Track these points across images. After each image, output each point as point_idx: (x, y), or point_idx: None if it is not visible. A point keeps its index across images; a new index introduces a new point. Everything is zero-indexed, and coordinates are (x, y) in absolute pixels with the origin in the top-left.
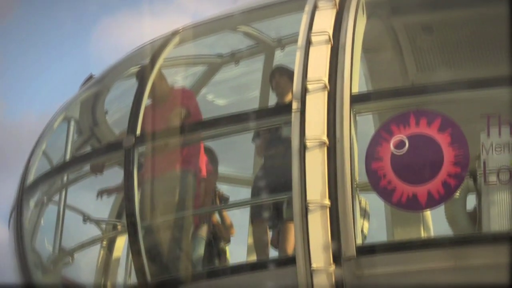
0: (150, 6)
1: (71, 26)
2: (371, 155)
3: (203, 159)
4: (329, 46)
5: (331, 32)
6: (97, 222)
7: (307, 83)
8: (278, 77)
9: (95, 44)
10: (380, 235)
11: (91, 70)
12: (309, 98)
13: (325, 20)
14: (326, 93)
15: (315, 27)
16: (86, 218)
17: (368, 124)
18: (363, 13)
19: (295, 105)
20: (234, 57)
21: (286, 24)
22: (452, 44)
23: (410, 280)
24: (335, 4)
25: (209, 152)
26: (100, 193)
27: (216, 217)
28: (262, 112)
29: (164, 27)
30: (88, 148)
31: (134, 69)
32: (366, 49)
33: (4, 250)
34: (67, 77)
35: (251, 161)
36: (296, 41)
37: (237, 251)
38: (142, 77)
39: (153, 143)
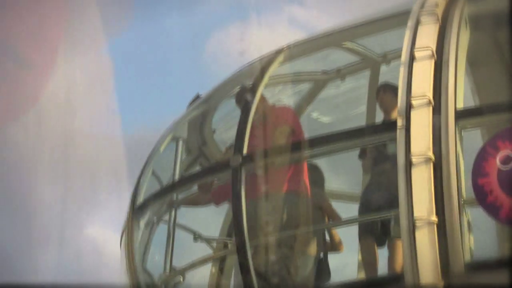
0: (263, 17)
1: (184, 38)
2: (477, 171)
3: (307, 177)
4: (433, 61)
5: (434, 47)
6: (208, 241)
7: (412, 99)
8: (383, 94)
9: (207, 56)
10: (490, 251)
11: (205, 82)
12: (414, 114)
13: (428, 35)
14: (430, 108)
15: (418, 42)
16: (197, 237)
17: (474, 139)
18: (466, 27)
19: (400, 122)
20: (340, 74)
21: (391, 39)
22: None
23: None
24: (438, 19)
25: (315, 169)
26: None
27: (325, 234)
28: (367, 130)
29: (276, 39)
30: (196, 168)
31: (241, 87)
32: (471, 63)
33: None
34: (180, 89)
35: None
36: (400, 56)
37: (346, 268)
38: (247, 96)
39: (259, 162)
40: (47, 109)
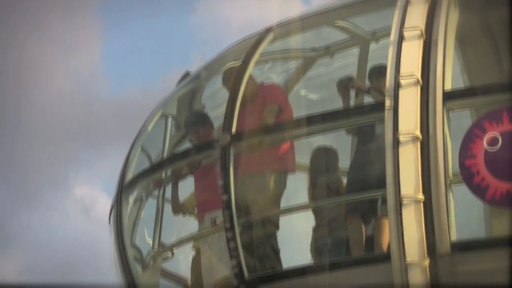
0: None
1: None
2: (464, 152)
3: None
4: (422, 41)
5: (423, 26)
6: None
7: (400, 78)
8: (375, 79)
9: (198, 18)
10: (477, 231)
11: (194, 45)
12: (402, 93)
13: (417, 15)
14: (419, 88)
15: (407, 22)
16: (186, 213)
17: (462, 118)
18: (456, 7)
19: (388, 101)
20: (329, 51)
21: (381, 18)
22: None
23: (506, 277)
24: None
25: (329, 150)
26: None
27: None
28: (356, 109)
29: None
30: (186, 145)
31: (230, 66)
32: (460, 43)
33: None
34: (169, 51)
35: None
36: (389, 34)
37: None
38: (236, 74)
39: (248, 141)
40: (33, 72)
